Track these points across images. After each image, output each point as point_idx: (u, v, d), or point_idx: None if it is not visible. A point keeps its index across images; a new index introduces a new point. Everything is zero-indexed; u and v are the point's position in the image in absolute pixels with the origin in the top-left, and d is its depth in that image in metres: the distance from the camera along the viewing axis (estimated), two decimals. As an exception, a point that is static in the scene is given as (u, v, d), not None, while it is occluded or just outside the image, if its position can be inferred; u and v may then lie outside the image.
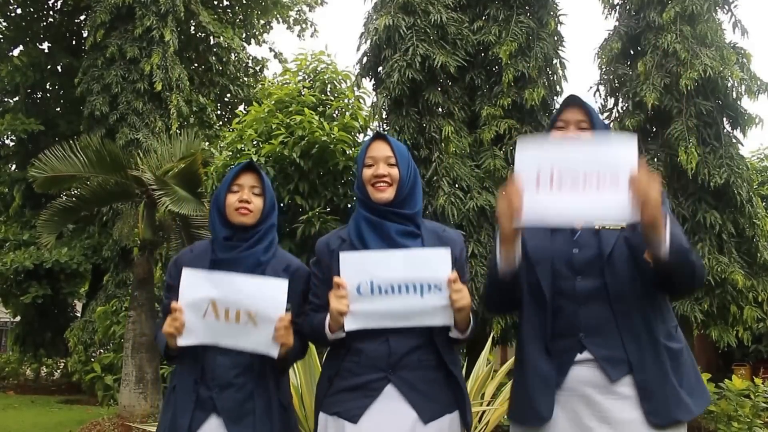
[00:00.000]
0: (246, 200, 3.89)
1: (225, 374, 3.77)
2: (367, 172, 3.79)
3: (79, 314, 24.64)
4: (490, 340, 9.42)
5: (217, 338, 3.69)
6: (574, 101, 3.62)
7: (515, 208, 3.25)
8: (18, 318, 24.33)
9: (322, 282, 3.79)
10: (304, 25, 28.84)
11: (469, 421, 3.72)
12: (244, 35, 26.67)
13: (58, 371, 25.15)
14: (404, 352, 3.58)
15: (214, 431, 3.75)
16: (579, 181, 3.20)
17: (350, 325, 3.54)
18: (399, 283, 3.51)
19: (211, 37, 24.54)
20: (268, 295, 3.62)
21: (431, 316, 3.51)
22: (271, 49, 28.00)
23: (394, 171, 3.77)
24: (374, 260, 3.58)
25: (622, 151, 3.16)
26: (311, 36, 29.34)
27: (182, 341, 3.68)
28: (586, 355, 3.35)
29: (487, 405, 7.80)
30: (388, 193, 3.74)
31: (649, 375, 3.24)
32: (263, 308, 3.61)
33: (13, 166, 23.83)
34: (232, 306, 3.63)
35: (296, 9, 28.53)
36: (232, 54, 25.54)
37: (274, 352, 3.65)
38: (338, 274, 3.58)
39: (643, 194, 3.05)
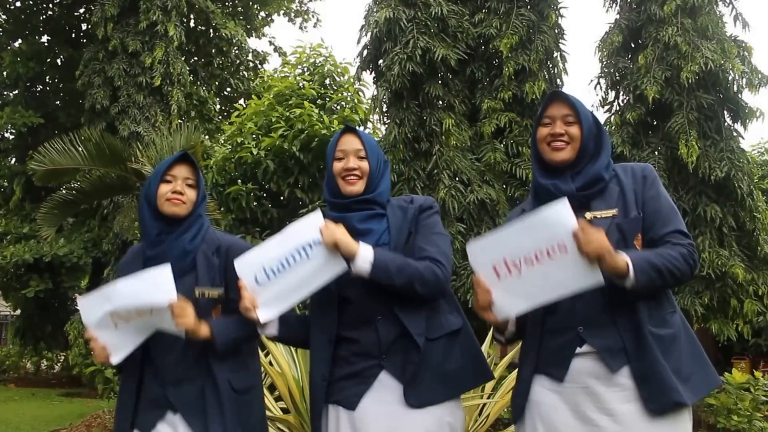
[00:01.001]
0: (179, 191, 3.87)
1: (174, 371, 3.78)
2: (337, 165, 3.82)
3: (78, 308, 24.69)
4: (490, 333, 9.40)
5: (140, 336, 3.74)
6: (557, 96, 3.64)
7: (489, 304, 3.37)
8: (18, 311, 24.34)
9: None
10: (306, 17, 28.77)
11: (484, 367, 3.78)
12: (244, 28, 26.62)
13: (59, 364, 25.24)
14: (393, 338, 3.60)
15: (173, 427, 3.75)
16: (533, 260, 3.26)
17: (265, 315, 3.65)
18: (284, 257, 3.62)
19: (212, 30, 24.52)
20: (152, 286, 3.62)
21: (325, 268, 3.57)
22: (271, 43, 27.91)
23: (364, 164, 3.80)
24: (259, 252, 3.70)
25: (558, 218, 3.20)
26: (314, 27, 29.18)
27: (115, 359, 3.74)
28: (586, 348, 3.37)
29: (488, 398, 7.80)
30: (358, 186, 3.78)
31: (643, 363, 3.26)
32: (155, 300, 3.60)
33: (13, 160, 23.85)
34: (129, 309, 3.65)
35: (297, 0, 28.45)
36: (233, 48, 25.52)
37: (182, 334, 3.64)
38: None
39: (591, 252, 3.11)
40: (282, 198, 13.40)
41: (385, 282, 3.54)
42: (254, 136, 13.25)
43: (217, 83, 25.56)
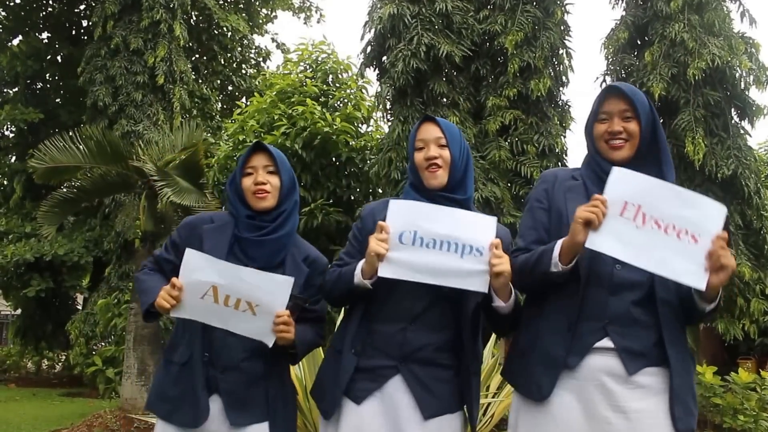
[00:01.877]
0: (261, 181, 3.84)
1: (232, 356, 3.74)
2: (419, 156, 3.72)
3: (80, 307, 24.67)
4: (494, 334, 9.42)
5: (210, 318, 3.67)
6: (614, 90, 3.56)
7: (594, 221, 3.22)
8: (19, 311, 24.34)
9: (359, 244, 3.76)
10: (309, 12, 28.75)
11: (474, 416, 3.67)
12: (246, 25, 26.60)
13: (60, 364, 25.20)
14: (419, 346, 3.55)
15: (214, 413, 3.71)
16: (661, 225, 3.20)
17: (384, 271, 3.46)
18: (442, 238, 3.45)
19: (214, 27, 24.52)
20: (272, 290, 3.59)
21: (466, 278, 3.43)
22: (273, 40, 27.89)
23: (446, 152, 3.69)
24: (423, 211, 3.51)
25: (712, 217, 3.17)
26: (318, 22, 29.06)
27: (176, 312, 3.66)
28: (606, 342, 3.33)
29: (492, 397, 7.81)
30: (440, 178, 3.68)
31: (683, 377, 3.27)
32: (265, 301, 3.58)
33: (13, 158, 23.81)
34: (233, 294, 3.60)
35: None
36: (237, 44, 25.52)
37: (270, 341, 3.62)
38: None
39: (723, 267, 3.11)
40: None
41: (502, 318, 3.56)
42: (256, 133, 13.26)
43: (219, 81, 25.55)
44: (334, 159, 13.12)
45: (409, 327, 3.57)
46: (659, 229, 3.19)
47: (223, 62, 25.75)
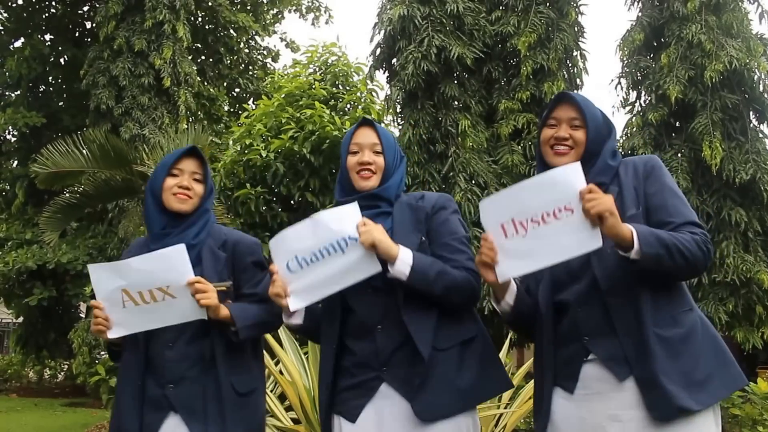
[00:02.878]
0: (186, 186, 3.87)
1: (176, 368, 3.74)
2: (352, 160, 3.78)
3: (83, 315, 24.68)
4: (507, 342, 9.42)
5: (144, 323, 3.70)
6: (565, 98, 3.61)
7: (492, 262, 3.34)
8: (20, 319, 24.35)
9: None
10: (317, 12, 28.75)
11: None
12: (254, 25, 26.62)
13: (62, 373, 25.21)
14: (392, 349, 3.57)
15: (174, 430, 3.72)
16: (539, 220, 3.26)
17: (294, 304, 3.58)
18: (319, 248, 3.55)
19: (220, 28, 24.56)
20: (170, 264, 3.63)
21: (360, 268, 3.51)
22: (282, 39, 27.84)
23: (380, 159, 3.75)
24: (291, 236, 3.63)
25: (569, 179, 3.21)
26: (326, 23, 29.03)
27: (112, 334, 3.71)
28: (592, 357, 3.37)
29: (505, 408, 7.82)
30: (372, 181, 3.74)
31: (644, 369, 3.22)
32: (172, 279, 3.62)
33: (15, 162, 23.78)
34: (142, 287, 3.64)
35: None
36: (243, 45, 25.54)
37: (203, 314, 3.63)
38: None
39: (595, 212, 3.09)
40: (292, 202, 13.40)
41: (422, 288, 3.51)
42: (263, 137, 13.25)
43: (225, 83, 25.57)
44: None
45: (377, 335, 3.60)
46: (540, 225, 3.26)
47: (229, 64, 25.76)
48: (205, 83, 23.91)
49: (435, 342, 3.55)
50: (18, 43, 24.19)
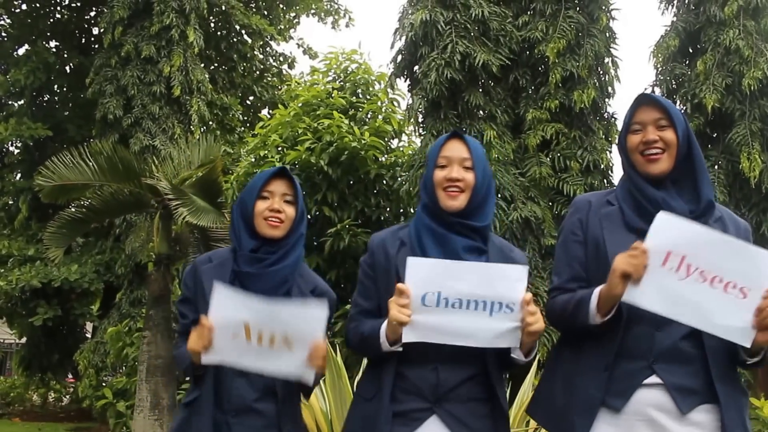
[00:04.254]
0: (278, 209, 3.86)
1: (243, 397, 3.75)
2: (439, 174, 3.69)
3: (89, 335, 24.71)
4: (535, 364, 9.41)
5: (243, 360, 3.64)
6: (645, 99, 3.57)
7: (630, 276, 3.21)
8: (24, 339, 24.37)
9: (373, 282, 3.77)
10: (337, 16, 28.76)
11: None
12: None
13: (67, 396, 25.26)
14: (454, 384, 3.54)
15: None
16: (707, 277, 3.17)
17: (409, 336, 3.44)
18: (469, 297, 3.42)
19: (234, 34, 24.60)
20: (306, 319, 3.58)
21: (497, 338, 3.44)
22: (299, 45, 27.84)
23: (470, 176, 3.67)
24: (445, 270, 3.46)
25: (762, 263, 3.14)
26: (346, 26, 28.94)
27: (207, 359, 3.64)
28: (654, 379, 3.31)
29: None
30: (459, 201, 3.65)
31: (733, 414, 3.22)
32: (300, 333, 3.58)
33: (19, 175, 23.79)
34: (266, 330, 3.59)
35: (327, -1, 28.44)
36: (258, 51, 25.57)
37: (309, 378, 3.62)
38: (400, 280, 3.48)
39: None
40: (309, 217, 13.41)
41: (509, 367, 3.64)
42: (279, 149, 13.27)
43: (239, 92, 25.57)
44: (362, 176, 13.09)
45: (440, 366, 3.56)
46: (704, 282, 3.17)
47: (242, 71, 25.76)
48: (218, 92, 23.90)
49: (500, 394, 3.62)
50: (21, 51, 24.21)
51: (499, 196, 11.91)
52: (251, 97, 26.52)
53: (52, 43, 25.12)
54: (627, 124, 3.59)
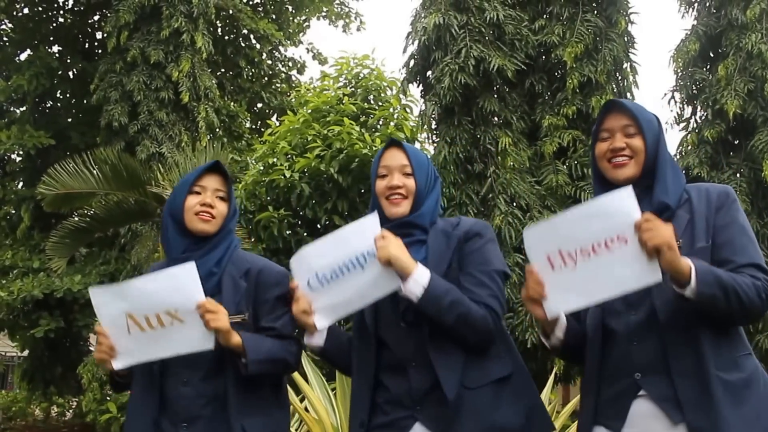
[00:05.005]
0: (209, 204, 3.85)
1: (191, 406, 3.73)
2: (381, 184, 3.79)
3: (93, 347, 24.70)
4: (552, 377, 9.39)
5: (150, 350, 3.69)
6: (614, 106, 3.61)
7: (540, 297, 3.34)
8: (26, 352, 24.38)
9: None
10: (347, 19, 28.73)
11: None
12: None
13: (71, 411, 25.26)
14: (427, 388, 3.57)
15: None
16: (589, 252, 3.26)
17: (320, 322, 3.68)
18: (339, 264, 3.62)
19: (241, 39, 24.62)
20: (179, 285, 3.60)
21: (380, 284, 3.55)
22: (308, 50, 27.86)
23: (410, 182, 3.75)
24: (311, 253, 3.73)
25: (620, 206, 3.20)
26: (357, 30, 28.88)
27: (117, 364, 3.71)
28: (643, 393, 3.34)
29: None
30: (403, 207, 3.73)
31: (704, 415, 3.18)
32: (180, 300, 3.60)
33: (21, 183, 23.76)
34: (148, 311, 3.63)
35: (338, 1, 28.40)
36: (266, 56, 25.58)
37: (210, 344, 3.60)
38: None
39: (652, 245, 3.07)
40: (318, 225, 13.41)
41: (432, 314, 3.50)
42: (288, 156, 13.27)
43: (246, 98, 25.55)
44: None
45: (411, 370, 3.62)
46: (590, 256, 3.25)
47: (250, 77, 25.77)
48: (225, 98, 23.91)
49: (464, 381, 3.55)
50: (24, 56, 24.19)
51: (514, 204, 11.92)
52: (259, 104, 26.48)
53: (55, 48, 25.12)
54: (596, 132, 3.66)
